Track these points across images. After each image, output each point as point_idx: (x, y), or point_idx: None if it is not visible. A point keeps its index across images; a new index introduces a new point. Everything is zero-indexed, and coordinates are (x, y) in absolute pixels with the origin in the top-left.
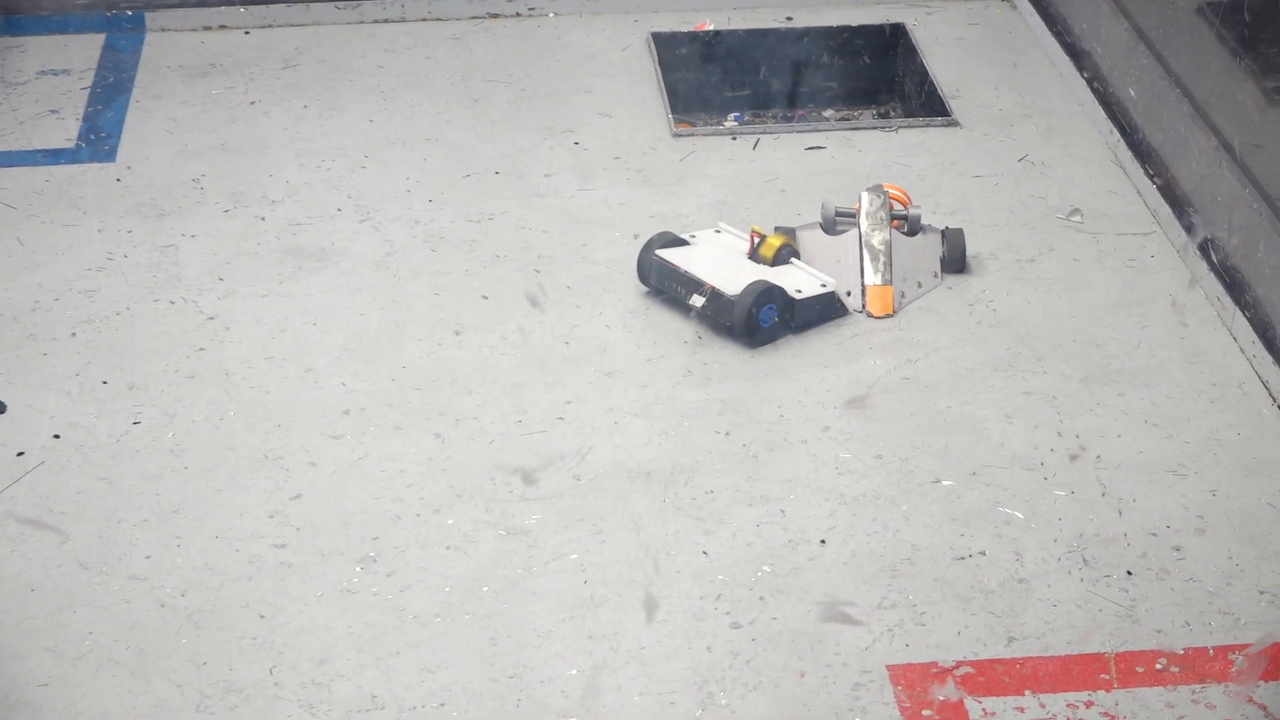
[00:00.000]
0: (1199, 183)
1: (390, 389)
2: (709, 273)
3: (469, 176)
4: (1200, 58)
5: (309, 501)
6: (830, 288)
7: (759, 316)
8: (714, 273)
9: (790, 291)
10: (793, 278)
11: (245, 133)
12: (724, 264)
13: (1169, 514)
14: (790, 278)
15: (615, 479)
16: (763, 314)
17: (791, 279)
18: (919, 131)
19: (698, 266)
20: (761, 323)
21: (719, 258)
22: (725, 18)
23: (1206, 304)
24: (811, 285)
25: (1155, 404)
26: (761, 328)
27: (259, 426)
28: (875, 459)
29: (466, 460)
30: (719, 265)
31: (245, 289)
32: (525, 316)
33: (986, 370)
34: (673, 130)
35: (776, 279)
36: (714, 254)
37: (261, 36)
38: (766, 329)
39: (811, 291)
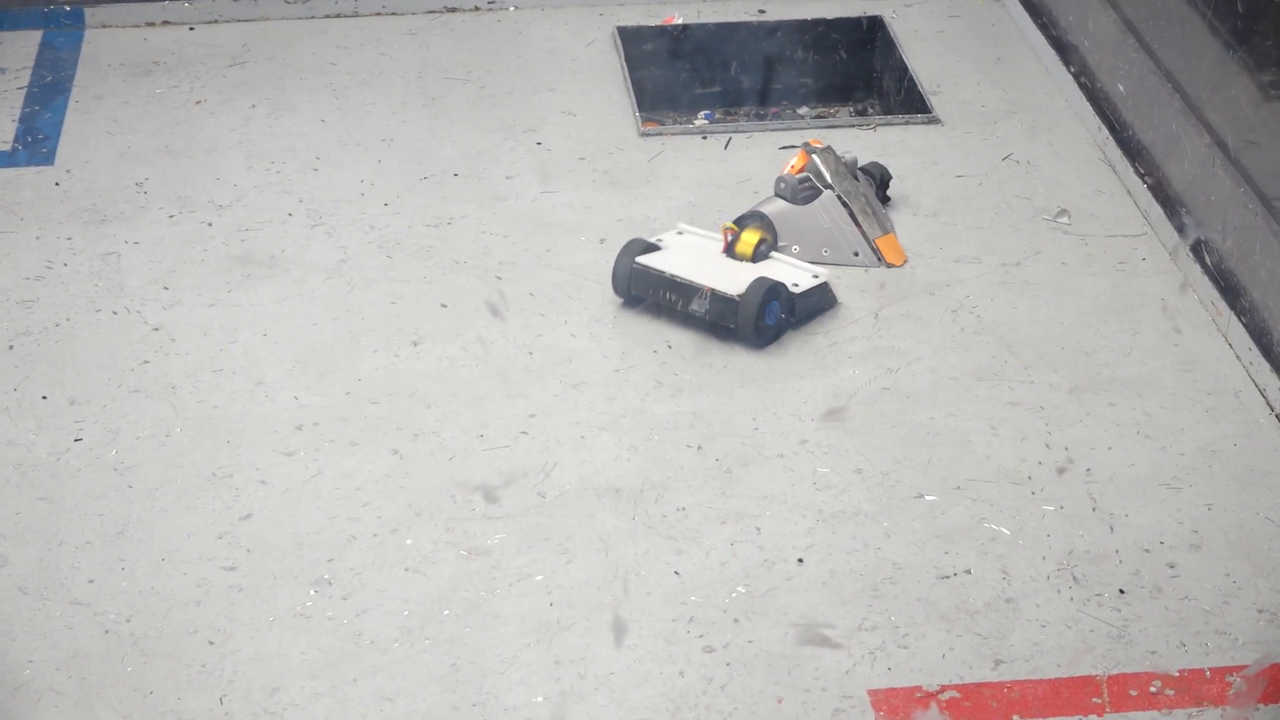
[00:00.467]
0: (1191, 182)
1: (345, 403)
2: (699, 276)
3: (426, 179)
4: (1192, 51)
5: (260, 522)
6: (823, 278)
7: (766, 313)
8: (705, 275)
9: (789, 286)
10: (784, 272)
11: (190, 134)
12: (709, 265)
13: (1162, 529)
14: (781, 272)
15: (582, 496)
16: (768, 312)
17: (783, 273)
18: (898, 129)
19: (685, 270)
20: (767, 321)
21: (699, 259)
22: (694, 11)
23: (1200, 309)
24: (805, 278)
25: (1147, 414)
26: (768, 326)
27: (207, 443)
28: (855, 473)
29: (425, 477)
30: (705, 267)
31: (192, 298)
32: (486, 326)
33: (971, 380)
34: (640, 129)
35: (767, 274)
36: (691, 256)
37: (207, 33)
38: (773, 327)
39: (807, 284)
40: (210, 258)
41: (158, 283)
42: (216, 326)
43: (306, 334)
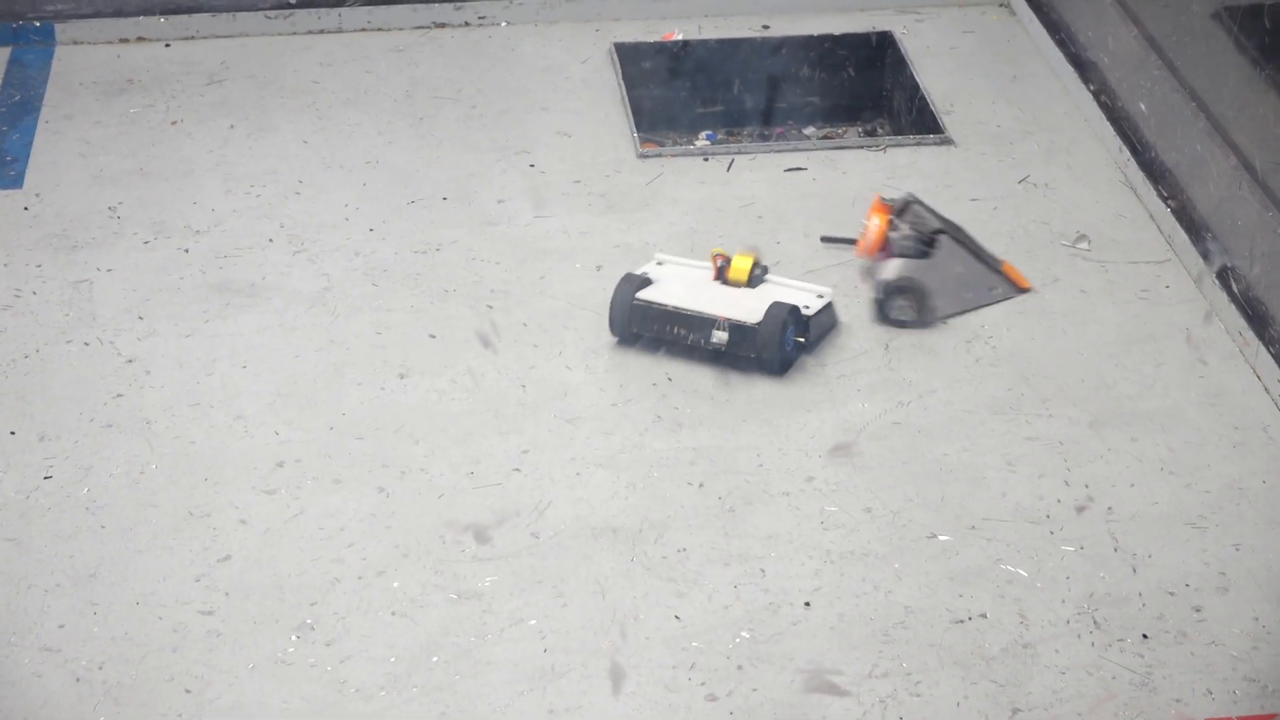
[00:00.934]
0: (1217, 206)
1: (328, 439)
2: (706, 306)
3: (414, 203)
4: (1218, 68)
5: (239, 563)
6: (827, 298)
7: (784, 341)
8: (711, 305)
9: (801, 310)
10: (788, 295)
11: (166, 156)
12: (709, 294)
13: (1188, 571)
14: (787, 295)
15: (577, 536)
16: (787, 338)
17: (789, 296)
18: (909, 150)
19: (689, 302)
20: (786, 347)
21: (696, 288)
22: (695, 26)
23: (1226, 339)
24: (812, 299)
25: (1172, 449)
26: (787, 353)
27: (184, 481)
28: (864, 512)
29: (413, 517)
30: (705, 296)
31: (167, 328)
32: (477, 358)
33: (986, 413)
34: (638, 151)
35: (773, 300)
36: (687, 286)
37: (183, 49)
38: (791, 353)
39: (817, 306)
40: (187, 286)
41: (132, 312)
42: (193, 358)
43: (288, 366)
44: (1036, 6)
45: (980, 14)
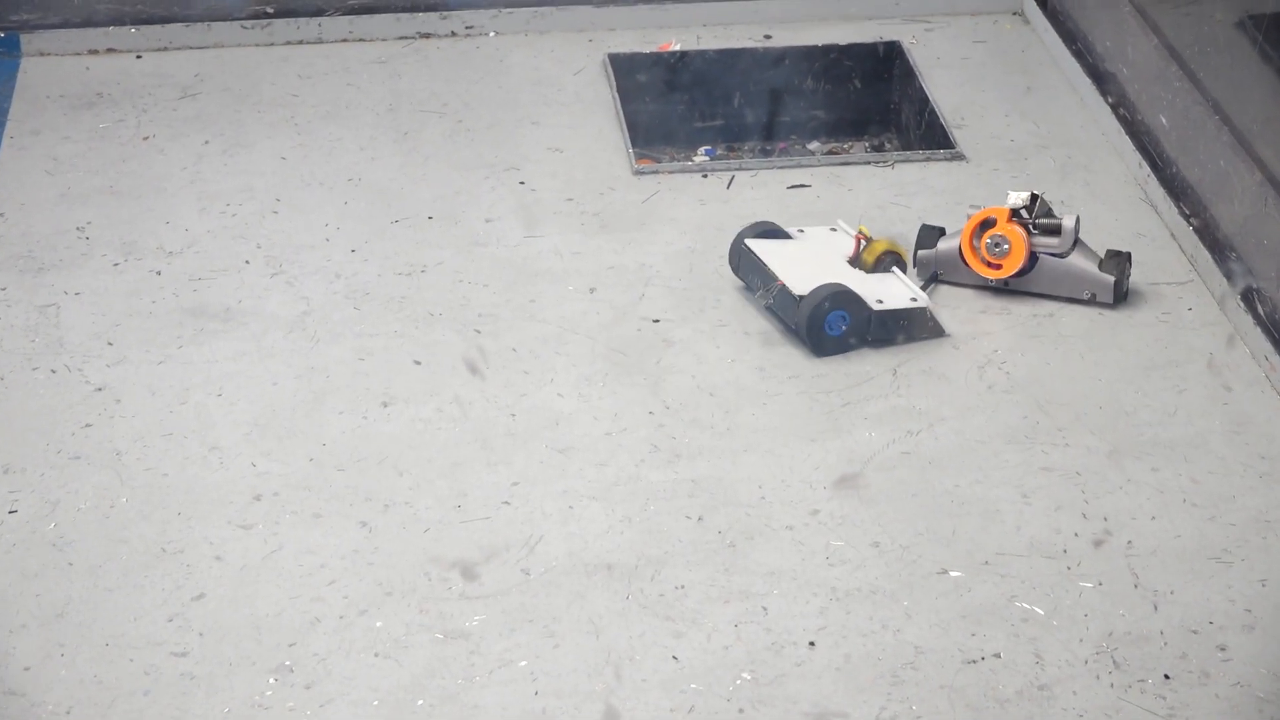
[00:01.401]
0: (1242, 224)
1: (308, 470)
2: (789, 269)
3: (398, 222)
4: (1242, 79)
5: (214, 602)
6: (923, 303)
7: (825, 322)
8: (794, 270)
9: (870, 301)
10: (881, 287)
11: (137, 173)
12: (812, 263)
13: (1212, 607)
14: (878, 286)
15: (570, 573)
16: (830, 320)
17: (880, 288)
18: (918, 166)
19: (780, 261)
20: (828, 330)
21: (813, 256)
22: (694, 36)
23: (1252, 364)
24: (899, 297)
25: (1195, 480)
26: (828, 335)
27: (155, 515)
28: (872, 547)
29: (397, 553)
30: (806, 264)
31: (138, 355)
32: (464, 385)
33: (999, 443)
34: (634, 167)
35: (862, 286)
36: (811, 252)
37: (156, 61)
38: (834, 338)
39: (896, 304)
40: (159, 310)
41: (101, 338)
42: (166, 386)
43: (265, 394)
44: (1052, 15)
45: (993, 23)
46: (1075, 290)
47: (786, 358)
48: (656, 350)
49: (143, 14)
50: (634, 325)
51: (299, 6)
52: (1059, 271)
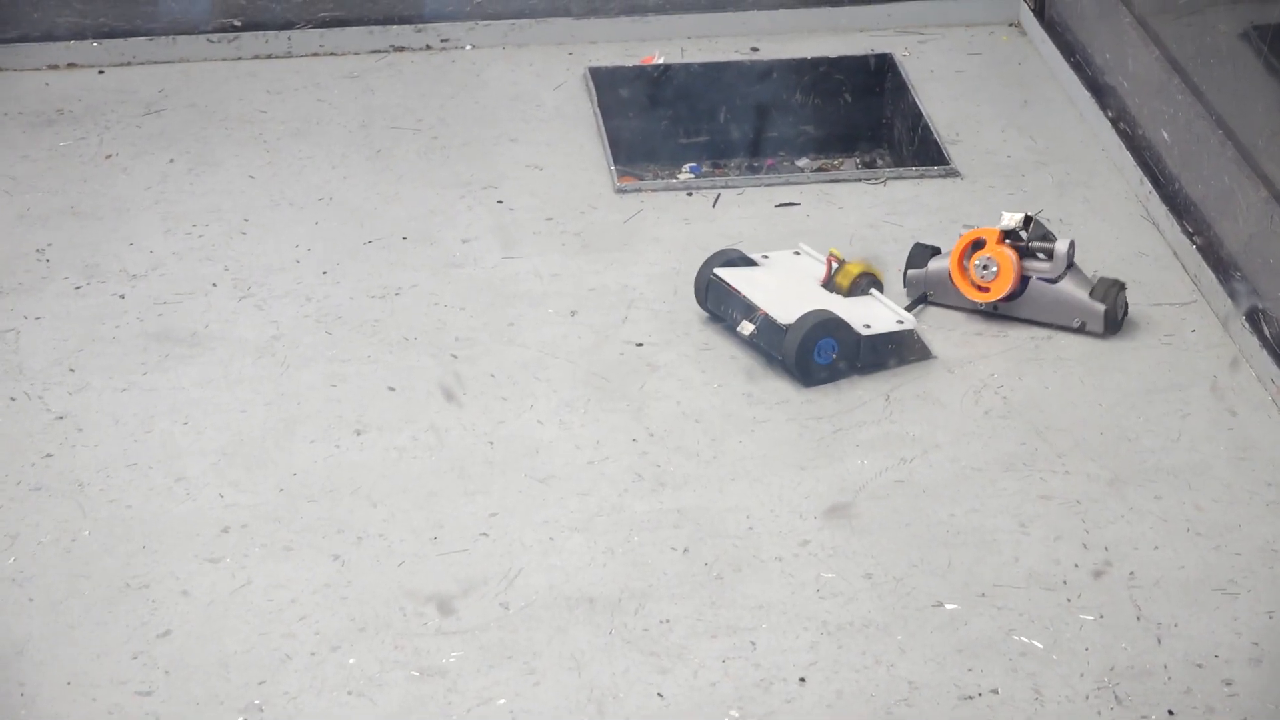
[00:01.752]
0: (1247, 242)
1: (278, 501)
2: (768, 298)
3: (371, 243)
4: (1246, 92)
5: (181, 639)
6: (909, 325)
7: (814, 351)
8: (775, 298)
9: (857, 326)
10: (865, 311)
11: (100, 193)
12: (789, 289)
13: (1217, 640)
14: (862, 310)
15: (551, 607)
16: (819, 348)
17: (863, 312)
18: (911, 184)
19: (756, 290)
20: (817, 359)
21: (786, 282)
22: (678, 49)
23: (1258, 387)
24: (884, 320)
25: (1199, 509)
26: (817, 365)
27: (119, 549)
28: (864, 579)
29: (371, 587)
30: (782, 290)
31: (101, 382)
32: (440, 412)
33: (996, 471)
34: (616, 185)
35: (846, 310)
36: (782, 277)
37: (119, 76)
38: (824, 367)
39: (883, 328)
40: (123, 335)
41: (62, 364)
42: (130, 414)
43: (234, 422)
44: (1049, 26)
45: (988, 34)
46: (1065, 318)
47: (775, 383)
48: (640, 375)
49: (105, 27)
50: (616, 349)
51: (267, 20)
52: (1049, 297)
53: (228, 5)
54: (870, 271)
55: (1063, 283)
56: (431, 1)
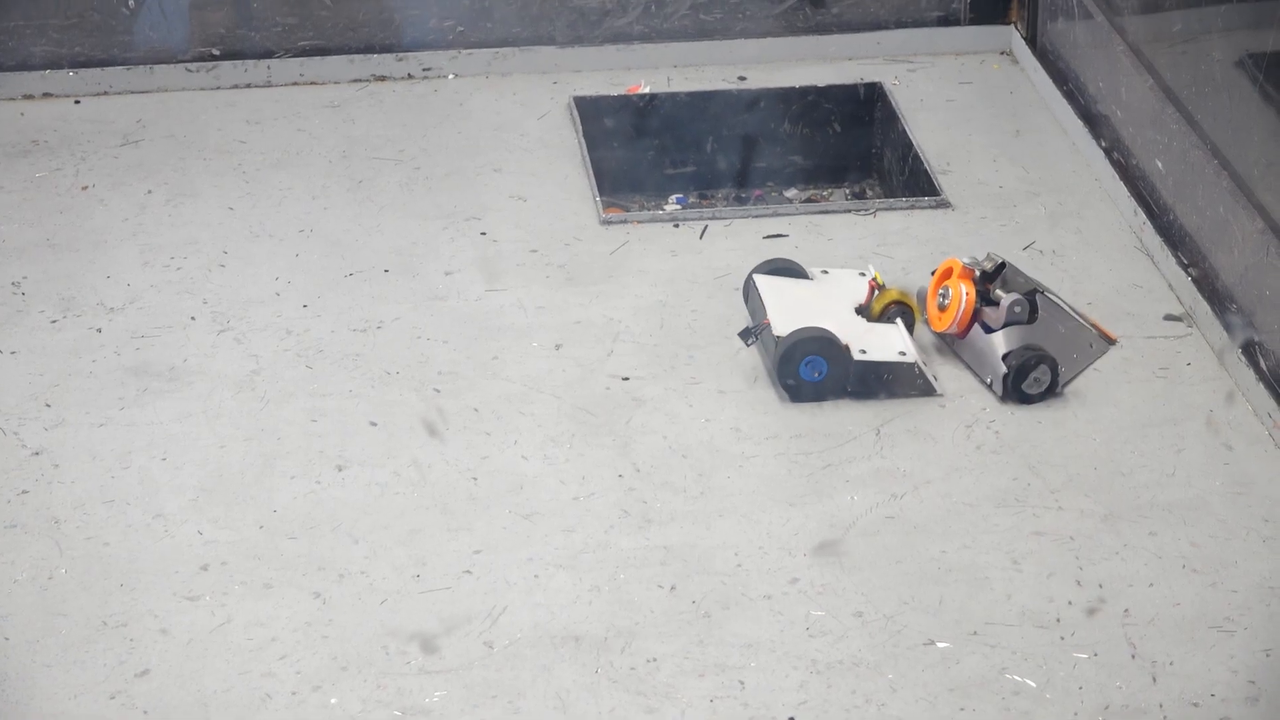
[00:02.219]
0: (1243, 274)
1: (258, 538)
2: (783, 309)
3: (352, 276)
4: (1242, 122)
5: (159, 678)
6: (910, 358)
7: (799, 368)
8: (789, 311)
9: (854, 350)
10: (875, 338)
11: (76, 225)
12: (812, 306)
13: (1214, 679)
14: (872, 337)
15: (536, 645)
16: (804, 366)
17: (871, 339)
18: (902, 215)
19: (779, 300)
20: (803, 375)
21: (817, 299)
22: (664, 78)
23: (1254, 420)
24: (884, 349)
25: (1194, 545)
26: (803, 381)
27: (97, 586)
28: (854, 617)
29: (353, 625)
30: (804, 305)
31: (78, 417)
32: (423, 447)
33: (988, 506)
34: (601, 216)
35: (854, 334)
36: (818, 294)
37: (95, 106)
38: (810, 385)
39: (880, 356)
40: (100, 370)
41: (38, 399)
42: (107, 450)
43: (213, 458)
44: (1042, 55)
45: (979, 63)
46: (980, 370)
47: (763, 417)
48: (626, 410)
49: (81, 56)
50: (602, 383)
51: (246, 49)
52: (976, 346)
53: (206, 34)
54: (904, 301)
55: (995, 335)
56: (413, 30)
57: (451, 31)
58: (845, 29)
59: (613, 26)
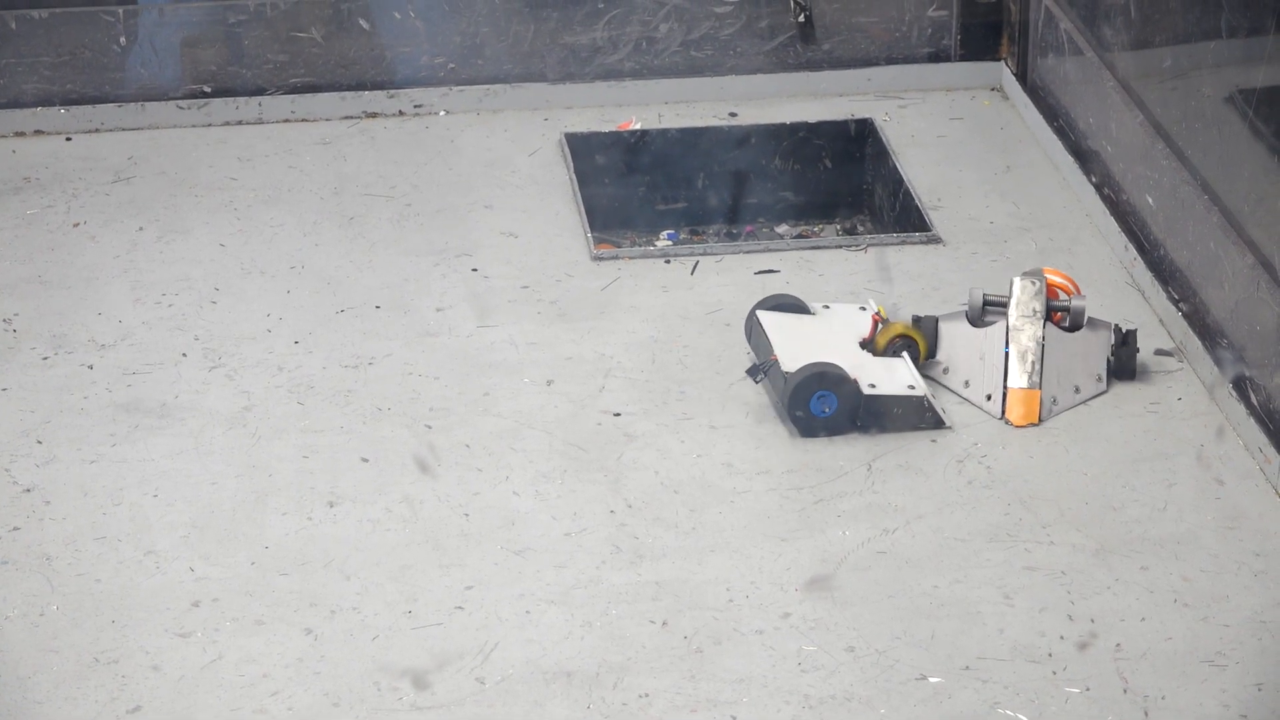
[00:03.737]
0: (1233, 309)
1: (250, 575)
2: (789, 345)
3: (343, 312)
4: (1232, 157)
5: (151, 715)
6: (920, 391)
7: (809, 403)
8: (795, 346)
9: (863, 385)
10: (882, 372)
11: (67, 262)
12: (817, 340)
13: (1205, 713)
14: (880, 371)
15: (528, 681)
16: (815, 401)
17: (880, 373)
18: (893, 250)
19: (784, 336)
20: (814, 411)
21: (821, 334)
22: (655, 114)
23: (1245, 455)
24: (895, 384)
25: (1186, 579)
26: (814, 417)
27: (88, 623)
28: (846, 652)
29: (344, 661)
30: (810, 341)
31: (69, 454)
32: (414, 483)
33: (980, 541)
34: (592, 252)
35: (861, 368)
36: (821, 329)
37: (87, 143)
38: (821, 420)
39: (889, 390)
40: (91, 406)
41: (29, 435)
42: (99, 486)
43: (204, 494)
44: (1032, 91)
45: (970, 99)
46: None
47: (755, 452)
48: (617, 445)
49: (73, 94)
50: (594, 419)
51: (238, 85)
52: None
53: (198, 71)
54: (910, 334)
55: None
56: (404, 67)
57: (443, 68)
58: (836, 65)
59: (604, 63)
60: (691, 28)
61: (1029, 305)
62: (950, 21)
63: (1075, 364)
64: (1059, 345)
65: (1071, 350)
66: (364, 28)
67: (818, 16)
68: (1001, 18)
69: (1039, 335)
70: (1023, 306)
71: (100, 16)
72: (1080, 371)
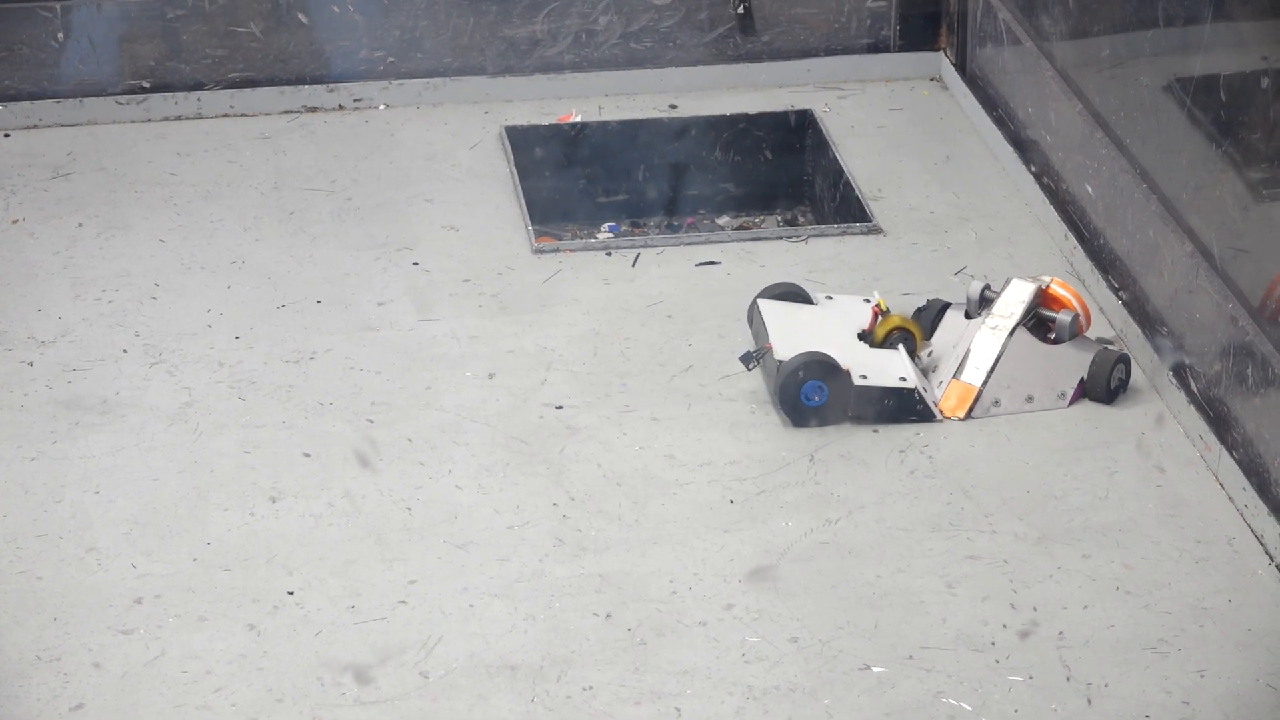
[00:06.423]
0: (1172, 297)
1: (192, 571)
2: (786, 334)
3: (284, 307)
4: (1170, 146)
5: (94, 712)
6: (911, 384)
7: (801, 392)
8: (792, 336)
9: (855, 376)
10: (877, 363)
11: (6, 258)
12: (815, 331)
13: (1148, 700)
14: (875, 362)
15: (471, 675)
16: (806, 389)
17: (874, 364)
18: (833, 241)
19: (782, 325)
20: (805, 401)
21: (822, 325)
22: (595, 107)
23: (1185, 443)
24: (884, 375)
25: (1128, 567)
26: (805, 406)
27: (29, 621)
28: (790, 642)
29: (287, 656)
30: (808, 330)
31: (9, 451)
32: (356, 478)
33: (923, 531)
34: (533, 245)
35: (856, 359)
36: (822, 319)
37: (25, 140)
38: (811, 408)
39: (879, 382)
40: (31, 403)
41: None
42: (39, 484)
43: (146, 491)
44: (971, 81)
45: (909, 89)
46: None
47: (697, 444)
48: (560, 438)
49: (10, 90)
50: (536, 412)
51: (176, 81)
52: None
53: (136, 66)
54: (907, 327)
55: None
56: (343, 61)
57: (382, 62)
58: (775, 56)
59: (543, 56)
60: (631, 20)
61: (1009, 307)
62: (889, 12)
63: (1037, 375)
64: (1027, 352)
65: (1040, 362)
66: (302, 22)
67: (757, 8)
68: (940, 8)
69: (1004, 338)
70: (1003, 307)
71: (38, 12)
72: (1041, 384)
